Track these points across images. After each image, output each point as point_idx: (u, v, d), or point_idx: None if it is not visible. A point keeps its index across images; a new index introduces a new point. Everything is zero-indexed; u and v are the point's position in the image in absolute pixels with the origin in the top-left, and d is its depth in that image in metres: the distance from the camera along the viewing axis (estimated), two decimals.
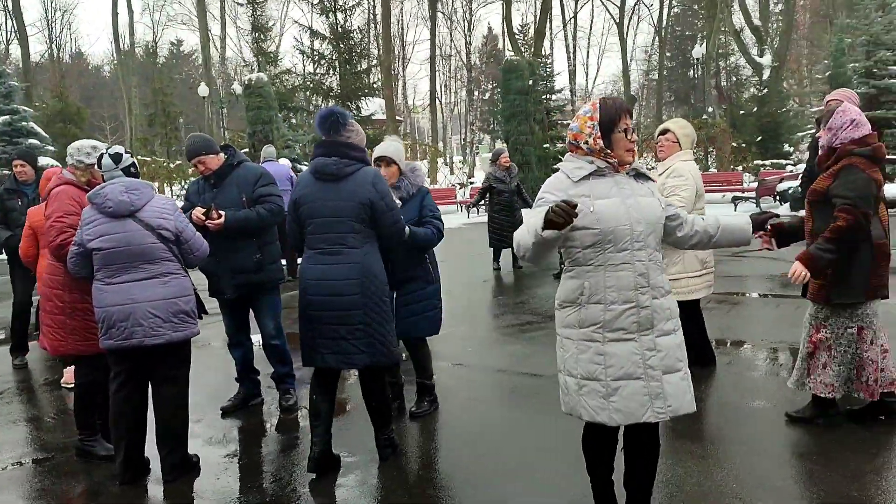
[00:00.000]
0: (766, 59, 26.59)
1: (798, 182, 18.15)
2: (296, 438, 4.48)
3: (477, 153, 52.58)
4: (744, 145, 24.34)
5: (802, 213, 4.11)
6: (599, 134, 2.72)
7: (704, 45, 27.26)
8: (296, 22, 26.26)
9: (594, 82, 62.46)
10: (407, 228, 4.13)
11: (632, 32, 51.33)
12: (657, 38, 47.91)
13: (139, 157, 29.74)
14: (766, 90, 25.70)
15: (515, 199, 10.57)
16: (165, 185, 27.93)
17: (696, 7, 53.44)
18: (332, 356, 3.69)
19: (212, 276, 4.78)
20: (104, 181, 3.83)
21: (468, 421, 4.58)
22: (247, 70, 28.60)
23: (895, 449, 3.79)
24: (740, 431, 4.13)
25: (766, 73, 26.30)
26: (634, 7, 49.10)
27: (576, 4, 50.11)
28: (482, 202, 11.84)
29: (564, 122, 26.32)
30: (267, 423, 4.82)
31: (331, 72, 25.47)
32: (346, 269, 3.65)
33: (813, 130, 22.07)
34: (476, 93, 58.71)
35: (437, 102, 48.18)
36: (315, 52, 25.34)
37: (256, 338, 5.07)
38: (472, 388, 5.26)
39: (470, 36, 54.99)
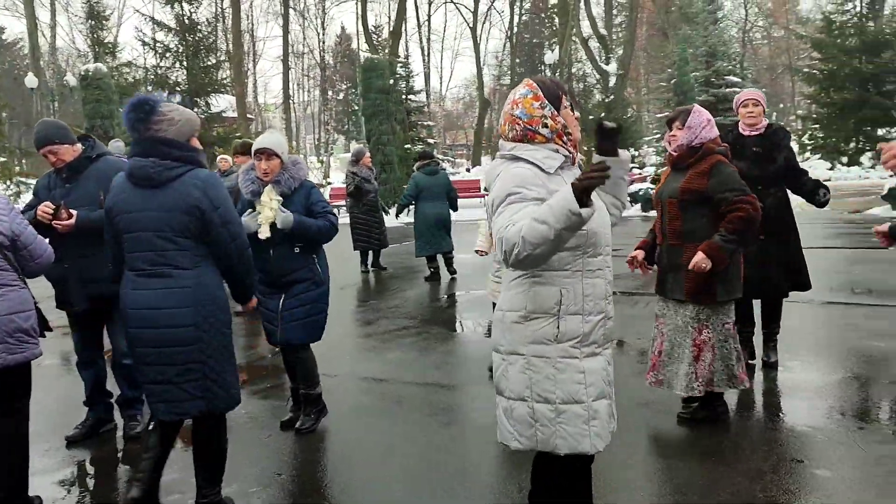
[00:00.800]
0: (612, 67, 27.92)
1: (648, 184, 19.16)
2: None
3: (331, 154, 51.90)
4: (593, 149, 25.40)
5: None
6: (555, 111, 2.39)
7: (556, 51, 28.19)
8: (137, 11, 24.41)
9: (448, 85, 63.34)
10: (291, 218, 3.89)
11: (484, 37, 52.43)
12: (508, 44, 49.20)
13: None
14: (612, 97, 26.95)
15: (379, 200, 10.34)
16: None
17: (542, 16, 55.83)
18: (162, 405, 3.01)
19: (59, 284, 4.16)
20: None
21: (354, 434, 4.23)
22: (80, 61, 26.35)
23: (786, 445, 3.83)
24: (637, 435, 4.05)
25: (613, 81, 27.60)
26: (487, 13, 50.15)
27: (429, 7, 50.57)
28: (345, 204, 11.50)
29: (424, 123, 26.37)
30: (121, 453, 4.22)
31: (177, 66, 23.96)
32: (175, 296, 2.95)
33: (658, 135, 23.54)
34: (330, 92, 57.83)
35: (291, 101, 46.82)
36: (160, 45, 23.73)
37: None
38: (354, 399, 4.91)
39: (323, 34, 54.04)
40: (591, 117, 27.15)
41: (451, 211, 9.68)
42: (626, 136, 26.11)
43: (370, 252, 10.55)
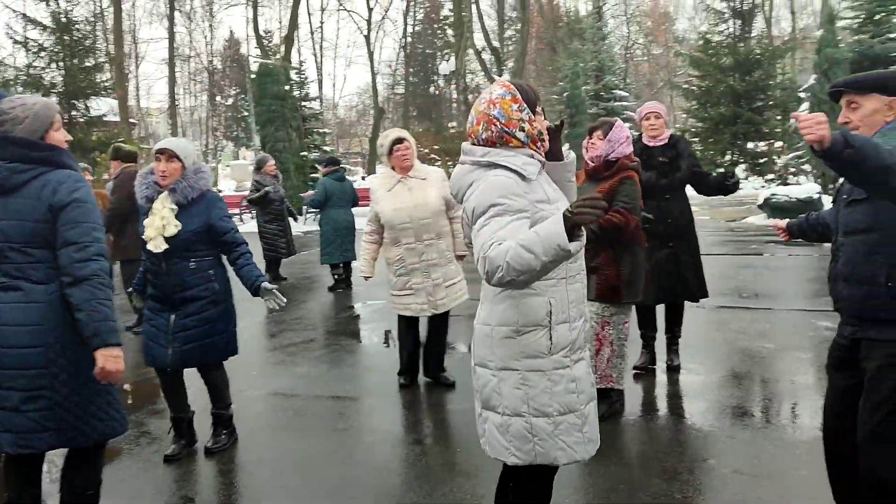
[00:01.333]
0: (505, 79, 28.56)
1: None
2: None
3: (219, 161, 50.28)
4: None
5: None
6: (532, 115, 2.30)
7: (452, 61, 28.52)
8: (7, 7, 22.76)
9: (341, 93, 62.87)
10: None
11: (378, 46, 52.43)
12: (402, 53, 49.37)
13: None
14: None
15: (285, 207, 10.12)
16: None
17: (435, 27, 56.43)
18: (6, 435, 2.60)
19: None
20: None
21: (267, 452, 4.06)
22: None
23: (695, 445, 3.99)
24: None
25: None
26: (381, 22, 50.15)
27: (322, 14, 50.06)
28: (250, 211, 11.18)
29: (320, 131, 26.00)
30: None
31: (53, 66, 22.49)
32: (23, 312, 2.57)
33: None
34: (219, 97, 56.08)
35: (177, 106, 44.98)
36: (33, 43, 22.20)
37: None
38: (266, 417, 4.72)
39: (211, 38, 52.40)
40: None
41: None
42: None
43: (280, 261, 10.27)
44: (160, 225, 3.72)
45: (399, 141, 4.90)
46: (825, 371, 2.86)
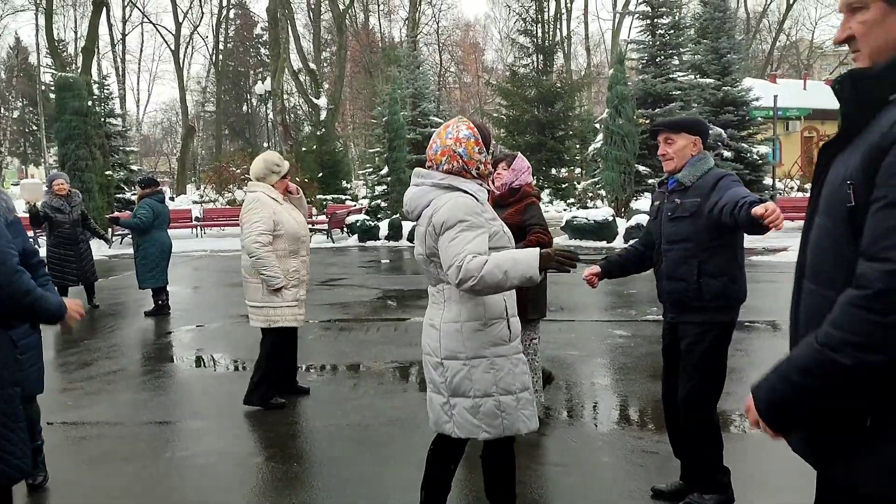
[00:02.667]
0: (323, 101, 28.66)
1: (363, 216, 19.93)
2: None
3: (3, 179, 45.71)
4: (307, 180, 25.77)
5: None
6: (489, 158, 2.81)
7: (268, 81, 28.15)
8: None
9: (145, 109, 59.51)
10: None
11: (186, 62, 50.32)
12: (214, 70, 47.83)
13: None
14: (324, 129, 27.62)
15: (79, 231, 9.31)
16: None
17: (247, 44, 55.25)
18: None
19: None
20: None
21: (93, 483, 3.95)
22: None
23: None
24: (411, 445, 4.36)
25: (324, 114, 28.32)
26: (190, 37, 48.29)
27: (125, 26, 47.34)
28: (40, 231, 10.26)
29: (126, 149, 24.54)
30: None
31: None
32: None
33: (370, 169, 24.70)
34: (2, 109, 51.02)
35: None
36: None
37: None
38: (91, 447, 4.54)
39: None
40: (304, 149, 27.55)
41: None
42: (339, 170, 26.93)
43: (68, 289, 9.41)
44: None
45: (288, 174, 5.28)
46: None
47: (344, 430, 4.70)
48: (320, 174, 26.68)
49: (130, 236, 11.26)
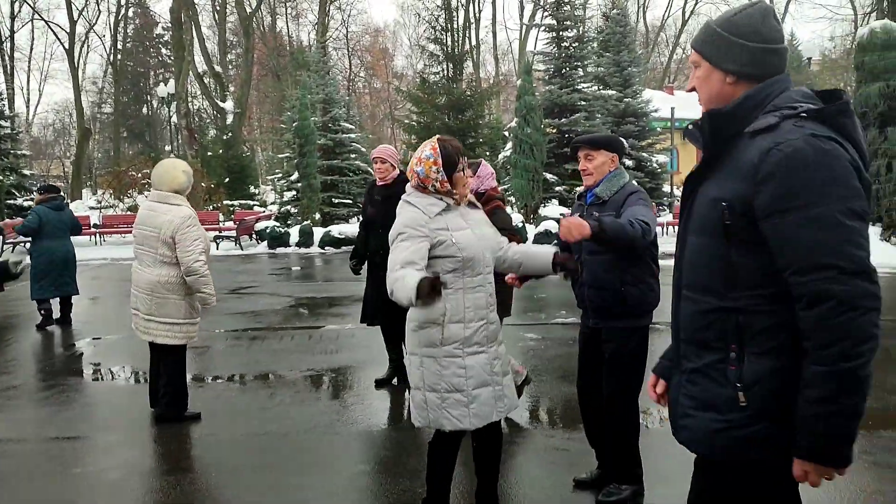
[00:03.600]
0: (230, 105, 28.06)
1: (273, 221, 19.63)
2: None
3: None
4: (213, 185, 25.15)
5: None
6: (445, 178, 3.02)
7: (172, 84, 27.30)
8: None
9: (36, 110, 56.46)
10: None
11: (82, 61, 48.01)
12: (112, 71, 45.89)
13: None
14: (230, 134, 27.04)
15: None
16: None
17: (147, 44, 53.30)
18: None
19: None
20: None
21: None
22: None
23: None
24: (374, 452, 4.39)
25: (230, 118, 27.72)
26: (86, 35, 46.14)
27: (13, 23, 44.74)
28: None
29: (18, 152, 23.24)
30: None
31: None
32: None
33: (279, 175, 24.27)
34: None
35: None
36: None
37: None
38: None
39: None
40: (209, 154, 26.89)
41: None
42: (246, 175, 26.43)
43: None
44: None
45: None
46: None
47: (262, 439, 4.68)
48: (227, 179, 26.12)
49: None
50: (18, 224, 9.56)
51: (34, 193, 14.90)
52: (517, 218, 17.74)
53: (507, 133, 26.93)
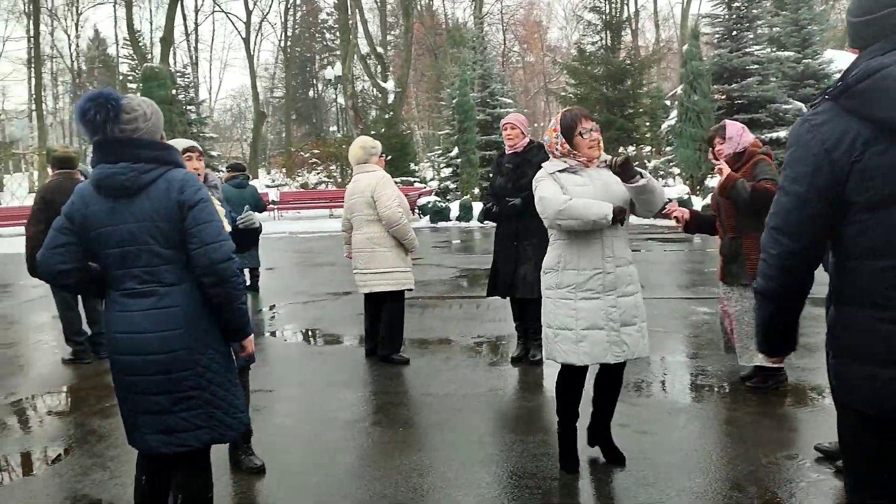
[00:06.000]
0: (391, 85, 28.99)
1: (434, 197, 20.18)
2: None
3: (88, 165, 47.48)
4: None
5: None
6: (564, 140, 3.44)
7: (337, 66, 28.59)
8: None
9: (217, 97, 61.08)
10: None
11: (256, 49, 51.39)
12: (284, 56, 48.70)
13: None
14: (391, 113, 27.97)
15: None
16: None
17: (313, 31, 56.03)
18: (156, 437, 2.63)
19: None
20: None
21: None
22: None
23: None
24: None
25: (391, 98, 28.66)
26: (260, 24, 49.30)
27: (197, 16, 48.62)
28: None
29: (206, 135, 25.42)
30: None
31: None
32: (158, 318, 2.57)
33: (439, 152, 24.85)
34: None
35: (40, 108, 42.14)
36: None
37: None
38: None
39: (77, 38, 49.63)
40: (372, 133, 27.96)
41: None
42: (406, 152, 27.24)
43: None
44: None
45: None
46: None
47: (442, 398, 4.91)
48: (389, 157, 27.06)
49: None
50: None
51: (221, 172, 16.20)
52: (682, 190, 17.10)
53: (668, 101, 25.90)
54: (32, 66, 40.50)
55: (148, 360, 2.59)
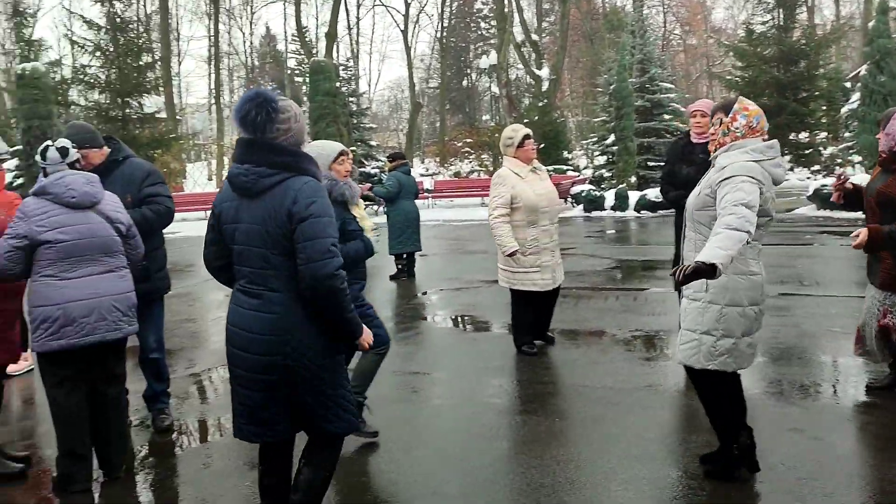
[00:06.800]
0: (545, 72, 28.72)
1: (588, 185, 19.84)
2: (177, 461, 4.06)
3: None
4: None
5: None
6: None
7: (492, 55, 28.74)
8: (66, 8, 23.56)
9: (375, 88, 63.25)
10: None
11: (413, 41, 52.68)
12: (440, 46, 49.58)
13: None
14: (545, 101, 27.70)
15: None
16: None
17: (468, 20, 56.54)
18: (250, 427, 2.75)
19: None
20: (46, 175, 3.55)
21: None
22: (4, 59, 25.24)
23: (772, 408, 4.26)
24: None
25: (545, 85, 28.39)
26: (417, 16, 50.46)
27: (358, 10, 50.51)
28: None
29: (366, 126, 26.46)
30: (139, 446, 4.28)
31: (108, 65, 23.20)
32: (261, 321, 2.64)
33: (594, 139, 24.34)
34: None
35: (219, 102, 45.67)
36: (90, 43, 22.95)
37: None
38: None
39: (251, 35, 53.22)
40: (525, 121, 27.87)
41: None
42: (559, 140, 26.91)
43: None
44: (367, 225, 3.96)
45: (528, 136, 5.54)
46: None
47: (598, 391, 4.82)
48: (542, 145, 26.86)
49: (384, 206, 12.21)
50: (367, 189, 10.83)
51: (381, 161, 16.77)
52: (863, 179, 15.68)
53: (848, 84, 23.84)
54: (212, 62, 43.79)
55: (250, 359, 2.67)
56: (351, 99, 25.56)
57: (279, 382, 2.65)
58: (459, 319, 7.41)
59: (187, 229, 17.48)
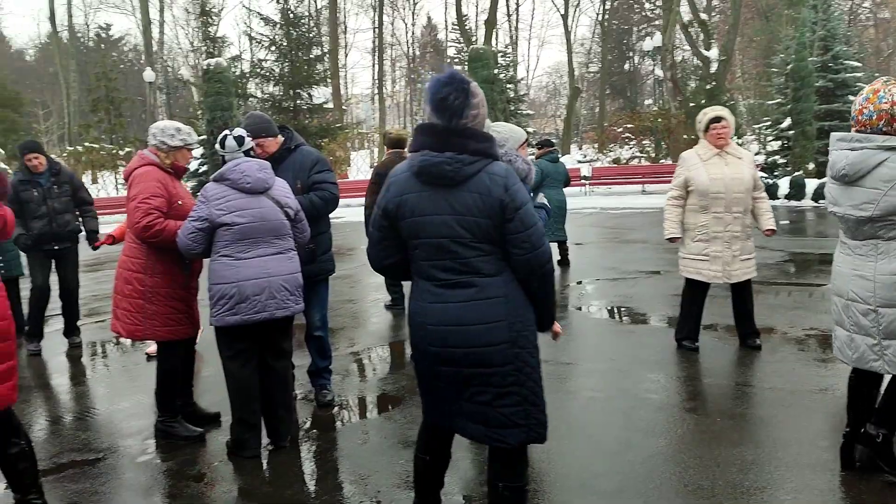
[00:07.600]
0: (714, 53, 27.18)
1: (760, 173, 18.67)
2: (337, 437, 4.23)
3: None
4: (694, 137, 24.85)
5: None
6: None
7: (656, 37, 27.62)
8: (245, 7, 25.35)
9: (533, 74, 62.90)
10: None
11: (573, 25, 51.76)
12: (600, 30, 48.42)
13: (84, 143, 28.44)
14: (714, 83, 26.24)
15: None
16: (105, 172, 26.62)
17: (631, 2, 54.64)
18: (478, 427, 2.61)
19: None
20: (224, 162, 3.87)
21: None
22: (194, 56, 27.59)
23: None
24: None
25: (714, 67, 26.88)
26: (579, 0, 49.49)
27: None
28: None
29: (524, 112, 26.40)
30: (303, 419, 4.51)
31: (281, 59, 24.74)
32: (484, 308, 2.52)
33: (768, 122, 22.73)
34: (418, 83, 58.38)
35: (384, 92, 47.32)
36: (266, 38, 24.56)
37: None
38: None
39: (413, 25, 54.64)
40: (691, 105, 26.59)
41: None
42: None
43: None
44: None
45: (717, 119, 5.23)
46: None
47: (765, 392, 4.53)
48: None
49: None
50: None
51: (534, 148, 16.68)
52: None
53: None
54: (375, 53, 45.41)
55: (470, 353, 2.54)
56: (509, 85, 25.56)
57: (508, 374, 2.54)
58: (615, 310, 7.21)
59: (350, 215, 18.27)
